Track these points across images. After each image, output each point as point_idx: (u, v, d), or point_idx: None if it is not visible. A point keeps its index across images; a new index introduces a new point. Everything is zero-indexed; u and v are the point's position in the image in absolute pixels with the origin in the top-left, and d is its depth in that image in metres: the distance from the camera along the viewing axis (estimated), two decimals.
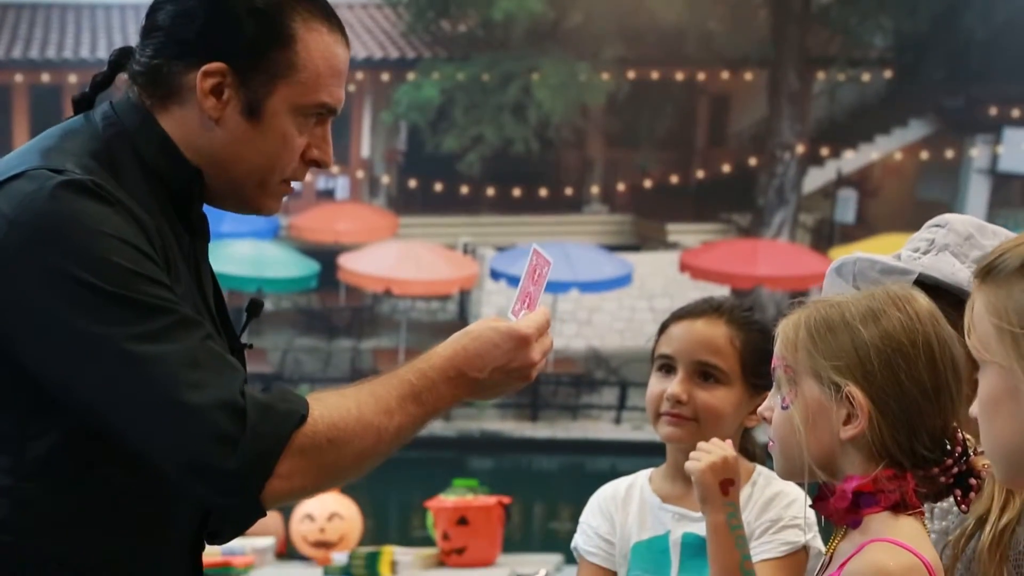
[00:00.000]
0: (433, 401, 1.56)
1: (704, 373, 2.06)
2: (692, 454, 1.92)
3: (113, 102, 1.61)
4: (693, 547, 2.01)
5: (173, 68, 1.57)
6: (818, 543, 2.00)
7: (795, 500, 2.02)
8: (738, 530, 1.87)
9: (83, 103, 1.62)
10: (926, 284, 1.72)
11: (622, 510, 2.09)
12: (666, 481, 2.10)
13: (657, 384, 2.08)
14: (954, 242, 1.78)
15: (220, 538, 1.59)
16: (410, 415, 1.54)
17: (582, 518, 2.12)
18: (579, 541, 2.10)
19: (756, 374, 2.04)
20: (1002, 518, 1.62)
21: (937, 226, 1.82)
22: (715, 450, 1.90)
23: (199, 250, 1.64)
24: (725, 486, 1.88)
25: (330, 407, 1.50)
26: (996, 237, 1.80)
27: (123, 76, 1.63)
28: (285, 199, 1.68)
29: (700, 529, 1.92)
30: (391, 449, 1.55)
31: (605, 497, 2.11)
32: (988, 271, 1.31)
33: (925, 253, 1.79)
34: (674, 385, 2.05)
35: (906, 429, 1.53)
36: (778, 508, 2.02)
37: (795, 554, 1.99)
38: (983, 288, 1.31)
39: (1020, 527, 1.63)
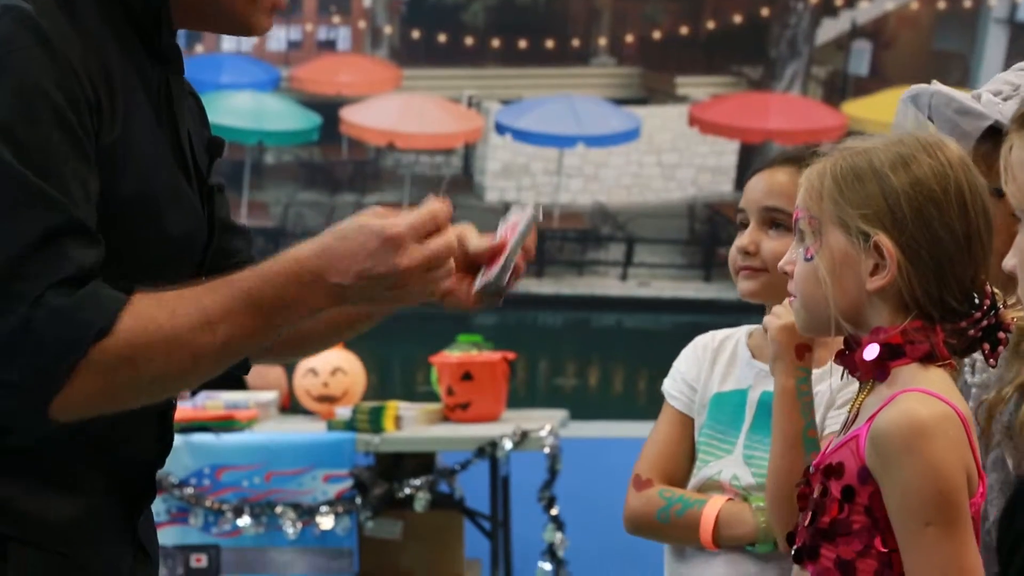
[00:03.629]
0: (280, 309, 1.37)
1: (773, 221, 1.99)
2: (774, 309, 1.84)
3: None
4: (769, 407, 1.92)
5: None
6: None
7: None
8: (806, 397, 1.80)
9: None
10: (1000, 133, 1.57)
11: (712, 359, 2.05)
12: (763, 338, 2.01)
13: (735, 242, 2.02)
14: None
15: (9, 437, 1.39)
16: (242, 327, 1.35)
17: (675, 363, 2.09)
18: (666, 384, 2.08)
19: None
20: None
21: None
22: None
23: (172, 83, 1.50)
24: (801, 350, 1.80)
25: (139, 318, 1.33)
26: None
27: None
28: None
29: None
30: (217, 366, 1.38)
31: (700, 345, 2.08)
32: None
33: (1007, 99, 1.65)
34: (743, 237, 1.99)
35: (936, 279, 1.48)
36: None
37: None
38: None
39: None
